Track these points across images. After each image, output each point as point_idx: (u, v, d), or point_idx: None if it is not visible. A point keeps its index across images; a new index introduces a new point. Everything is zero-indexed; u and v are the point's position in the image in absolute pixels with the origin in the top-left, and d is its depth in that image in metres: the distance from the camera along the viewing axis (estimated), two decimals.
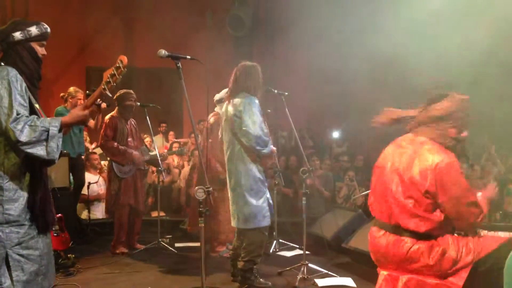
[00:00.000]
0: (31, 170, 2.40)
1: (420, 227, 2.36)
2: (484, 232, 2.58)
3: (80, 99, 5.74)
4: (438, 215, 2.36)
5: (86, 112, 2.47)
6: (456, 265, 2.36)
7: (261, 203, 3.94)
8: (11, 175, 2.33)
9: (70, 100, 5.75)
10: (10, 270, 2.30)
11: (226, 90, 4.97)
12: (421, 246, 2.37)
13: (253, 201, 3.90)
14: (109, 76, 2.46)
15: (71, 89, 5.85)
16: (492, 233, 2.61)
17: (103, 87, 2.46)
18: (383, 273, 2.55)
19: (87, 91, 5.24)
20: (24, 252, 2.35)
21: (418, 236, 2.38)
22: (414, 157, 2.39)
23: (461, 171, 2.34)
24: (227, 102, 4.10)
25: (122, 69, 2.45)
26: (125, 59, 2.46)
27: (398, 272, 2.47)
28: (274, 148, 4.19)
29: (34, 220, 2.40)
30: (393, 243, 2.44)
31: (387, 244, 2.47)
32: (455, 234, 2.46)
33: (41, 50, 2.52)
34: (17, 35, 2.43)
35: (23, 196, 2.37)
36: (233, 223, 4.06)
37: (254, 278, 3.99)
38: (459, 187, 2.31)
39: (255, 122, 3.82)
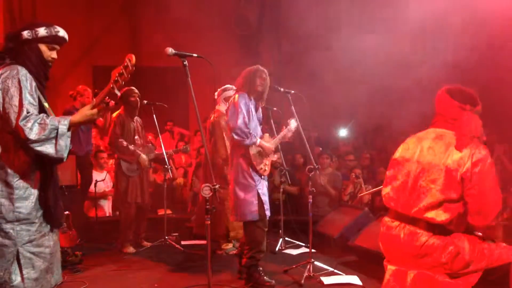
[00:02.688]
0: (42, 167, 2.42)
1: (439, 216, 2.35)
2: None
3: (88, 97, 5.76)
4: (459, 205, 2.35)
5: (94, 111, 2.48)
6: (468, 268, 2.34)
7: (250, 197, 3.98)
8: (21, 173, 2.36)
9: (79, 99, 5.78)
10: (21, 267, 2.32)
11: (224, 87, 5.14)
12: (435, 242, 2.35)
13: (241, 194, 4.00)
14: (117, 75, 2.46)
15: (80, 87, 5.88)
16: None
17: (111, 85, 2.45)
18: (390, 268, 2.54)
19: (95, 90, 5.27)
20: (35, 249, 2.38)
21: (435, 229, 2.37)
22: (449, 147, 2.41)
23: (493, 166, 2.36)
24: None
25: (131, 68, 2.45)
26: (133, 58, 2.46)
27: (407, 267, 2.46)
28: (268, 146, 4.17)
29: (45, 217, 2.42)
30: (408, 234, 2.43)
31: (402, 236, 2.45)
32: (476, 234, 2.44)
33: (49, 53, 2.50)
34: (25, 34, 2.43)
35: (34, 194, 2.39)
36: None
37: (259, 275, 4.00)
38: (490, 181, 2.32)
39: (236, 114, 3.98)
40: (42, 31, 2.45)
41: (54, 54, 2.53)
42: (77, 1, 10.03)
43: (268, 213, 4.07)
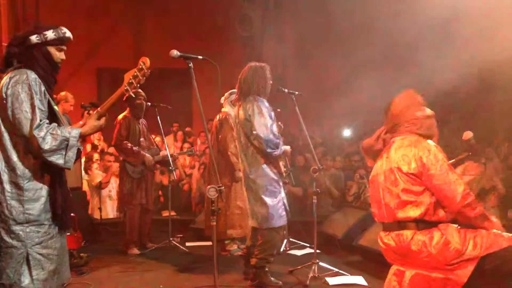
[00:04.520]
0: (51, 170, 2.43)
1: (415, 212, 2.46)
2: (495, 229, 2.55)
3: (71, 104, 5.65)
4: (429, 197, 2.46)
5: (102, 121, 2.49)
6: (461, 257, 2.38)
7: (277, 202, 3.95)
8: (31, 176, 2.37)
9: (63, 105, 5.57)
10: (31, 269, 2.34)
11: (230, 91, 5.07)
12: (421, 237, 2.44)
13: (269, 201, 3.91)
14: (131, 77, 2.46)
15: (64, 94, 5.58)
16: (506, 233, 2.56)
17: (125, 88, 2.46)
18: (393, 268, 2.64)
19: (82, 104, 5.18)
20: (44, 251, 2.39)
21: (417, 225, 2.47)
22: (397, 151, 2.57)
23: (439, 152, 2.49)
24: (237, 105, 4.12)
25: (145, 70, 2.46)
26: (147, 60, 2.47)
27: (406, 267, 2.54)
28: (288, 148, 4.23)
29: (55, 219, 2.44)
30: (395, 238, 2.53)
31: (391, 242, 2.56)
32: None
33: (59, 55, 2.52)
34: (33, 38, 2.44)
35: (43, 195, 2.41)
36: (252, 223, 4.06)
37: (266, 276, 4.00)
38: (440, 168, 2.43)
39: (265, 125, 3.84)
40: (50, 34, 2.47)
41: (62, 55, 2.55)
42: (80, 4, 10.08)
43: (289, 216, 4.09)
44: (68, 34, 2.54)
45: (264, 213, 3.91)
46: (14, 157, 2.36)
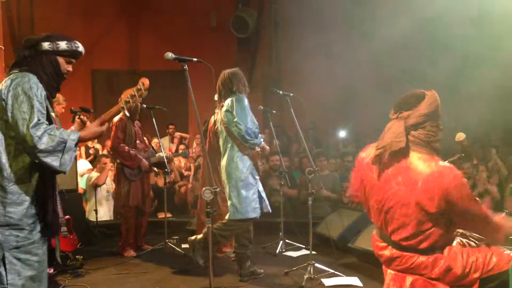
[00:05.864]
0: (41, 175, 2.40)
1: (422, 244, 2.33)
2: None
3: (64, 107, 5.62)
4: (440, 229, 2.30)
5: (104, 128, 2.49)
6: (462, 280, 2.33)
7: (251, 194, 4.08)
8: (17, 179, 2.33)
9: (55, 107, 5.55)
10: (6, 273, 2.29)
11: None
12: (424, 261, 2.34)
13: (243, 192, 4.06)
14: (129, 96, 2.53)
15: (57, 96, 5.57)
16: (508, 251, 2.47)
17: (122, 106, 2.51)
18: (390, 272, 2.53)
19: (72, 108, 5.14)
20: (22, 256, 2.33)
21: (421, 251, 2.35)
22: (416, 176, 2.28)
23: (466, 182, 2.25)
24: (219, 107, 4.31)
25: (143, 91, 2.53)
26: (146, 81, 2.53)
27: (406, 273, 2.44)
28: (267, 147, 4.44)
29: (41, 226, 2.40)
30: (396, 255, 2.42)
31: (390, 256, 2.45)
32: (468, 243, 2.43)
33: (66, 66, 2.53)
34: (45, 45, 2.45)
35: (28, 200, 2.36)
36: (227, 216, 4.19)
37: (197, 253, 4.15)
38: (468, 199, 2.24)
39: (246, 115, 4.06)
40: (63, 45, 2.48)
41: (70, 67, 2.56)
42: (75, 5, 10.05)
43: (269, 208, 4.21)
44: (81, 49, 2.56)
45: (237, 204, 4.07)
46: (3, 158, 2.33)
